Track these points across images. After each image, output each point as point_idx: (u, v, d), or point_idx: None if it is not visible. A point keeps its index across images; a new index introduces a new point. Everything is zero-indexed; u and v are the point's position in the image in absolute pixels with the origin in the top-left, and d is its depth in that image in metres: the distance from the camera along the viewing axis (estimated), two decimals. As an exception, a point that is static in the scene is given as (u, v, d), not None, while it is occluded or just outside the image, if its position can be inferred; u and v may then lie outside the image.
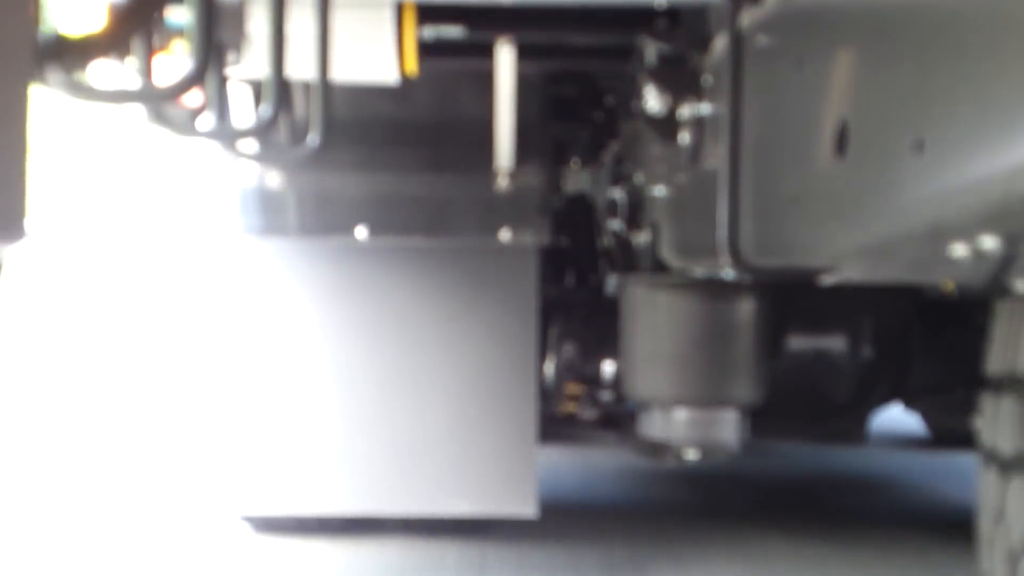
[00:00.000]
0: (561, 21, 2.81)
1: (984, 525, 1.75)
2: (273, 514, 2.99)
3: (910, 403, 4.15)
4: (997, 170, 1.12)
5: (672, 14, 2.62)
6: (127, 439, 5.20)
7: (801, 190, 1.69)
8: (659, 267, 2.85)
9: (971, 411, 1.89)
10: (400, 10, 2.57)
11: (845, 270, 1.66)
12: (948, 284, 2.32)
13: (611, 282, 3.62)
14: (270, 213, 3.12)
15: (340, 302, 3.00)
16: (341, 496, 2.86)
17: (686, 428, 2.87)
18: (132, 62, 2.26)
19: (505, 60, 2.86)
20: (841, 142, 1.49)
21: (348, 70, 2.48)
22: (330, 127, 2.33)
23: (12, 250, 1.00)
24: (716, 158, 2.10)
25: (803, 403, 3.66)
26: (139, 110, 2.17)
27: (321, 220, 3.09)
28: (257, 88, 2.90)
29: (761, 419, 3.03)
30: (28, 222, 0.98)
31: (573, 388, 3.22)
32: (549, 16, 2.78)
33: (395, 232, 3.06)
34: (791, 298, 3.16)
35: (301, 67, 2.24)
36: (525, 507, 2.83)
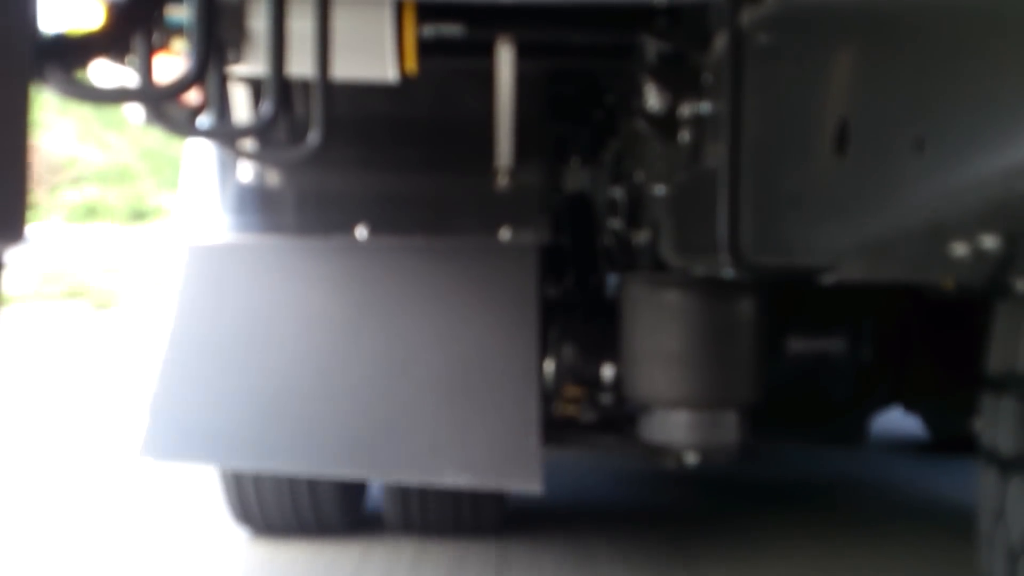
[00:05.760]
0: (561, 20, 2.80)
1: (984, 524, 1.75)
2: (294, 472, 3.05)
3: (910, 405, 4.14)
4: (997, 169, 1.12)
5: (672, 12, 2.62)
6: (126, 432, 5.21)
7: (801, 189, 1.69)
8: (659, 266, 2.85)
9: (971, 413, 1.89)
10: (400, 9, 2.57)
11: (845, 269, 1.66)
12: (948, 283, 2.32)
13: (611, 282, 3.61)
14: (269, 212, 3.12)
15: (343, 300, 3.00)
16: (354, 463, 2.91)
17: (686, 430, 2.86)
18: (132, 61, 2.26)
19: (505, 59, 2.85)
20: (841, 141, 1.49)
21: (348, 69, 2.48)
22: (330, 126, 2.33)
23: (12, 251, 1.00)
24: (716, 157, 2.10)
25: (803, 405, 3.65)
26: (139, 109, 2.17)
27: (321, 219, 3.09)
28: (257, 87, 2.90)
29: (761, 421, 3.03)
30: (29, 223, 0.98)
31: (572, 391, 3.21)
32: (549, 15, 2.77)
33: (395, 231, 3.06)
34: (791, 299, 3.15)
35: (301, 66, 2.24)
36: (530, 483, 2.82)
